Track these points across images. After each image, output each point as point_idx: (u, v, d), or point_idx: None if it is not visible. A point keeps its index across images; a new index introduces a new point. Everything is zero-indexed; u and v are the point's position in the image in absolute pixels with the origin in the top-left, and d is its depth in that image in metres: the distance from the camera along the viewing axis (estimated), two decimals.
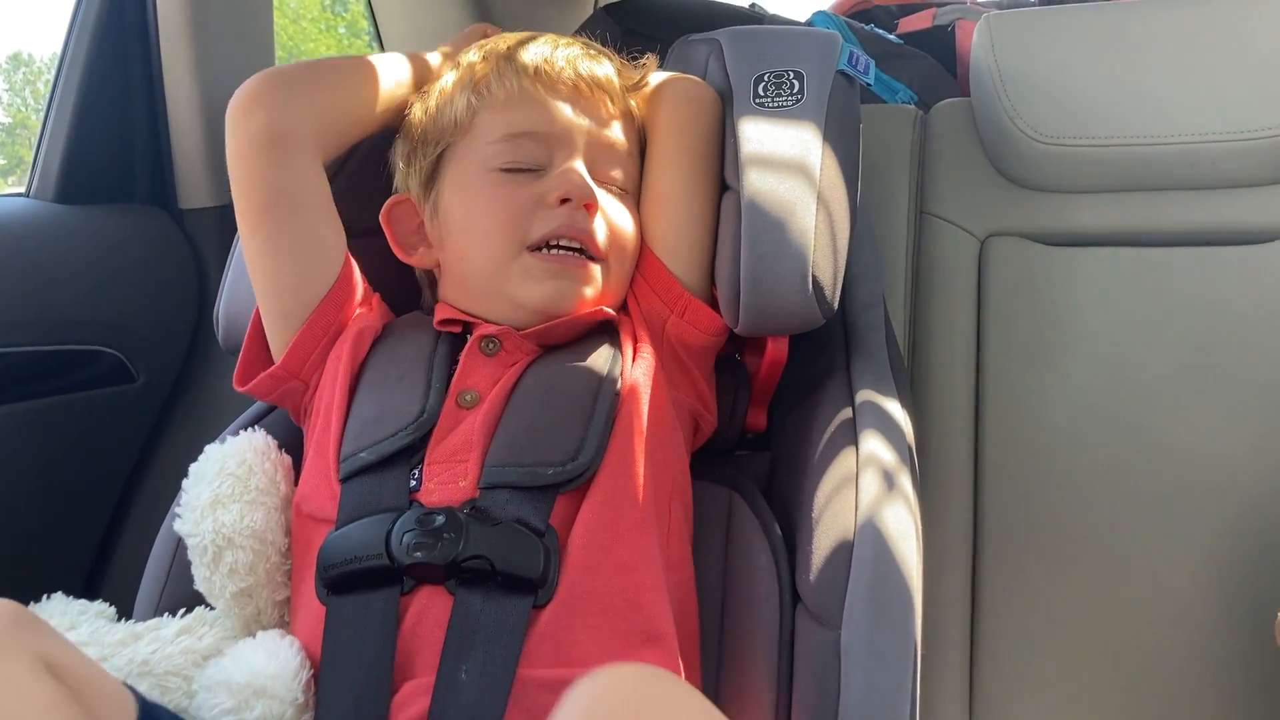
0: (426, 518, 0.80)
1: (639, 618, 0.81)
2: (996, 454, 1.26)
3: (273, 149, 0.93)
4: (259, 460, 0.89)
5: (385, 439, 0.86)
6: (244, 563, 0.85)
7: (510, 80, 0.97)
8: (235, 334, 1.05)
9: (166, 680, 0.80)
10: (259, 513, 0.86)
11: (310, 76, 0.98)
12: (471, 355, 0.93)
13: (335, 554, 0.81)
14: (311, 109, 0.95)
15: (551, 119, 0.96)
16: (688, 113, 1.02)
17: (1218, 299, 1.23)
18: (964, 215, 1.33)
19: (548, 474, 0.83)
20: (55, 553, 1.41)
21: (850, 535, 0.82)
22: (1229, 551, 1.18)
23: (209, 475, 0.87)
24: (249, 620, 0.87)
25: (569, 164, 0.95)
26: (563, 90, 0.97)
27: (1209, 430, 1.20)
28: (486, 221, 0.95)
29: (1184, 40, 1.26)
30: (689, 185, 1.00)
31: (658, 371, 0.93)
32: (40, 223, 1.39)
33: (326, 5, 8.00)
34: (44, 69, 6.53)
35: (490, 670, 0.74)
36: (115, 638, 0.81)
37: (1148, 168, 1.26)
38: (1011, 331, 1.28)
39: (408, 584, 0.79)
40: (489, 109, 0.97)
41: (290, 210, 0.93)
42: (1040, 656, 1.20)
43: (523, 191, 0.94)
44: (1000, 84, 1.29)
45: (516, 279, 0.94)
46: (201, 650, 0.83)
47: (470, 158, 0.97)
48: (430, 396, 0.89)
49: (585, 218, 0.94)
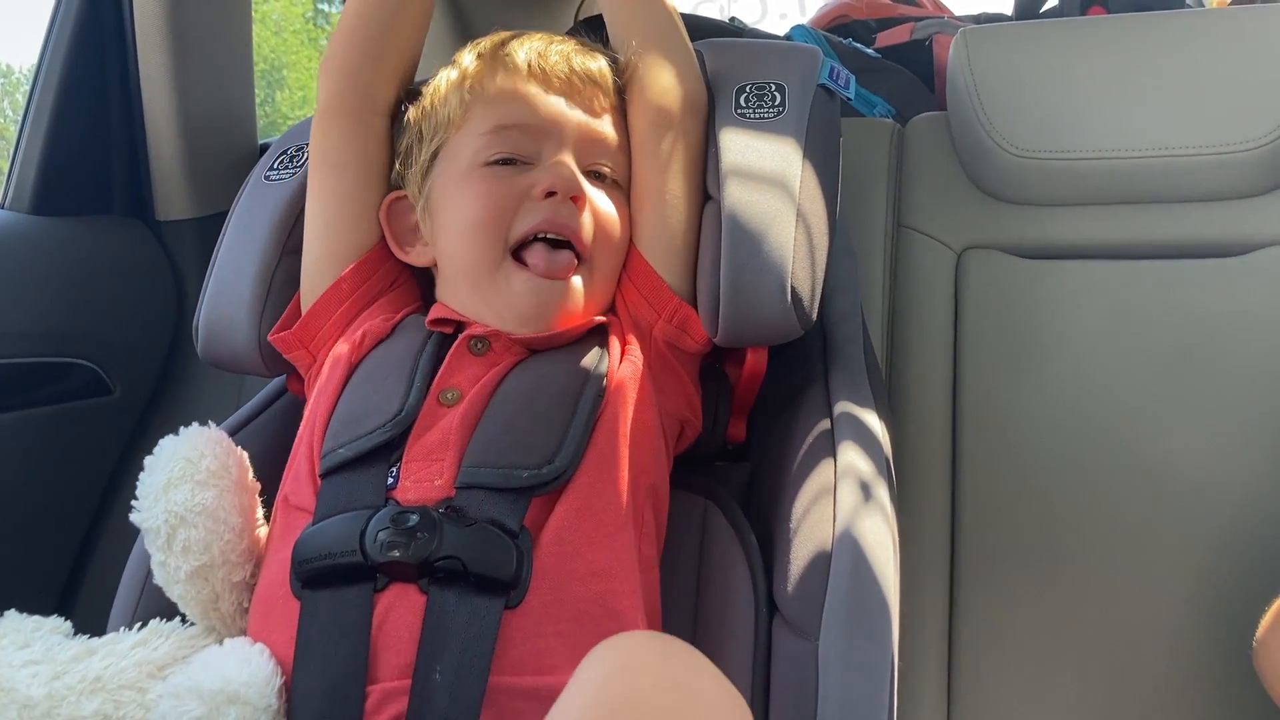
0: (401, 516, 0.80)
1: (615, 626, 0.81)
2: (974, 465, 1.26)
3: (321, 116, 1.03)
4: (210, 446, 0.89)
5: (363, 435, 0.86)
6: (197, 540, 0.84)
7: (501, 75, 0.98)
8: (214, 346, 1.05)
9: (120, 695, 0.79)
10: (210, 492, 0.86)
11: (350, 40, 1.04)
12: (459, 354, 0.92)
13: (310, 549, 0.81)
14: (354, 75, 1.03)
15: (541, 112, 0.96)
16: (679, 110, 1.01)
17: (1193, 311, 1.24)
18: (941, 228, 1.34)
19: (523, 476, 0.83)
20: (30, 565, 1.40)
21: (828, 546, 0.82)
22: (1205, 563, 1.18)
23: (161, 462, 0.87)
24: (208, 605, 0.87)
25: (557, 157, 0.95)
26: (555, 84, 0.97)
27: (1185, 442, 1.21)
28: (472, 216, 0.95)
29: (1159, 55, 1.27)
30: (679, 185, 0.99)
31: (644, 376, 0.93)
32: (15, 234, 1.39)
33: (308, 17, 7.99)
34: (23, 80, 6.51)
35: (464, 672, 0.74)
36: (69, 654, 0.81)
37: (1123, 181, 1.27)
38: (988, 344, 1.29)
39: (381, 581, 0.79)
40: (480, 104, 0.98)
41: (334, 171, 1.02)
42: (1017, 667, 1.21)
43: (509, 185, 0.94)
44: (977, 98, 1.30)
45: (501, 283, 0.94)
46: (157, 661, 0.82)
47: (462, 153, 0.97)
48: (411, 395, 0.89)
49: (571, 212, 0.94)
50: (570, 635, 0.79)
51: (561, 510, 0.83)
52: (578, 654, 0.77)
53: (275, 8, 7.33)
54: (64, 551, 1.44)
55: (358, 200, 1.02)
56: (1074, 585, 1.21)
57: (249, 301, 1.03)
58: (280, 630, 0.81)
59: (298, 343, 1.00)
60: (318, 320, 1.00)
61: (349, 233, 1.01)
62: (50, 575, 1.43)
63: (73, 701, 0.77)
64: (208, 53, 1.48)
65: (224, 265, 1.07)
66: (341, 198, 1.02)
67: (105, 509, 1.47)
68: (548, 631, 0.78)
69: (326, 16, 7.76)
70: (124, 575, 0.97)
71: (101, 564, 1.44)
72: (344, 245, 1.01)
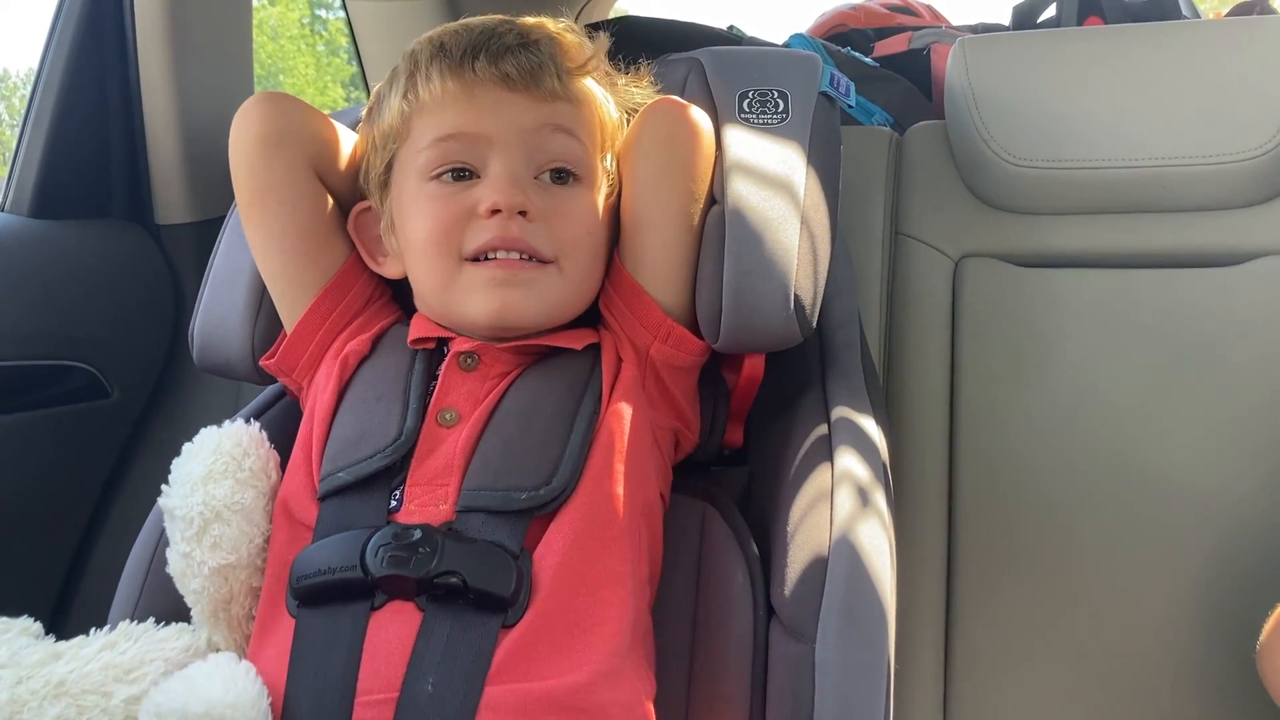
0: (404, 532, 0.80)
1: (603, 632, 0.81)
2: (970, 471, 1.26)
3: (264, 145, 0.96)
4: (254, 445, 0.89)
5: (363, 460, 0.86)
6: (229, 538, 0.85)
7: (435, 80, 0.93)
8: (209, 352, 1.05)
9: (83, 699, 0.77)
10: (249, 493, 0.86)
11: (306, 105, 1.00)
12: (450, 371, 0.92)
13: (308, 566, 0.81)
14: (302, 118, 0.98)
15: (479, 118, 0.91)
16: (670, 135, 0.97)
17: (1188, 321, 1.25)
18: (938, 236, 1.34)
19: (521, 499, 0.83)
20: (27, 568, 1.40)
21: (825, 550, 0.83)
22: (1201, 570, 1.19)
23: (203, 452, 0.87)
24: (219, 606, 0.86)
25: (499, 168, 0.91)
26: (490, 84, 0.92)
27: (1179, 449, 1.22)
28: (424, 235, 0.93)
29: (1156, 66, 1.28)
30: (668, 209, 0.96)
31: (639, 393, 0.92)
32: (15, 237, 1.39)
33: (305, 23, 8.00)
34: (19, 84, 6.50)
35: (456, 685, 0.74)
36: (34, 658, 0.79)
37: (1119, 190, 1.27)
38: (985, 351, 1.29)
39: (379, 599, 0.79)
40: (420, 114, 0.94)
41: (280, 204, 0.97)
42: (1014, 672, 1.21)
43: (455, 203, 0.91)
44: (974, 107, 1.31)
45: (462, 293, 0.91)
46: (123, 665, 0.80)
47: (410, 166, 0.94)
48: (408, 418, 0.88)
49: (520, 225, 0.90)
50: (560, 644, 0.79)
51: (559, 530, 0.83)
52: (565, 661, 0.77)
53: (272, 14, 7.33)
54: (61, 554, 1.44)
55: (320, 227, 0.98)
56: (1070, 591, 1.21)
57: (242, 310, 1.03)
58: (274, 645, 0.81)
59: (280, 370, 1.00)
60: (295, 352, 0.99)
61: (311, 266, 0.98)
62: (47, 577, 1.43)
63: (34, 707, 0.76)
64: (209, 57, 1.49)
65: (219, 272, 1.07)
66: (302, 231, 0.98)
67: (102, 511, 1.47)
68: (541, 643, 0.78)
69: (324, 23, 7.75)
70: (123, 577, 0.97)
71: (99, 566, 1.44)
72: (310, 274, 0.98)
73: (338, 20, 7.58)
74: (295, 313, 0.98)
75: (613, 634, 0.81)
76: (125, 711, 0.77)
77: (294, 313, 0.98)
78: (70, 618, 1.42)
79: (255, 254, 0.99)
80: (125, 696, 0.78)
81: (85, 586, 1.44)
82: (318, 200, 0.98)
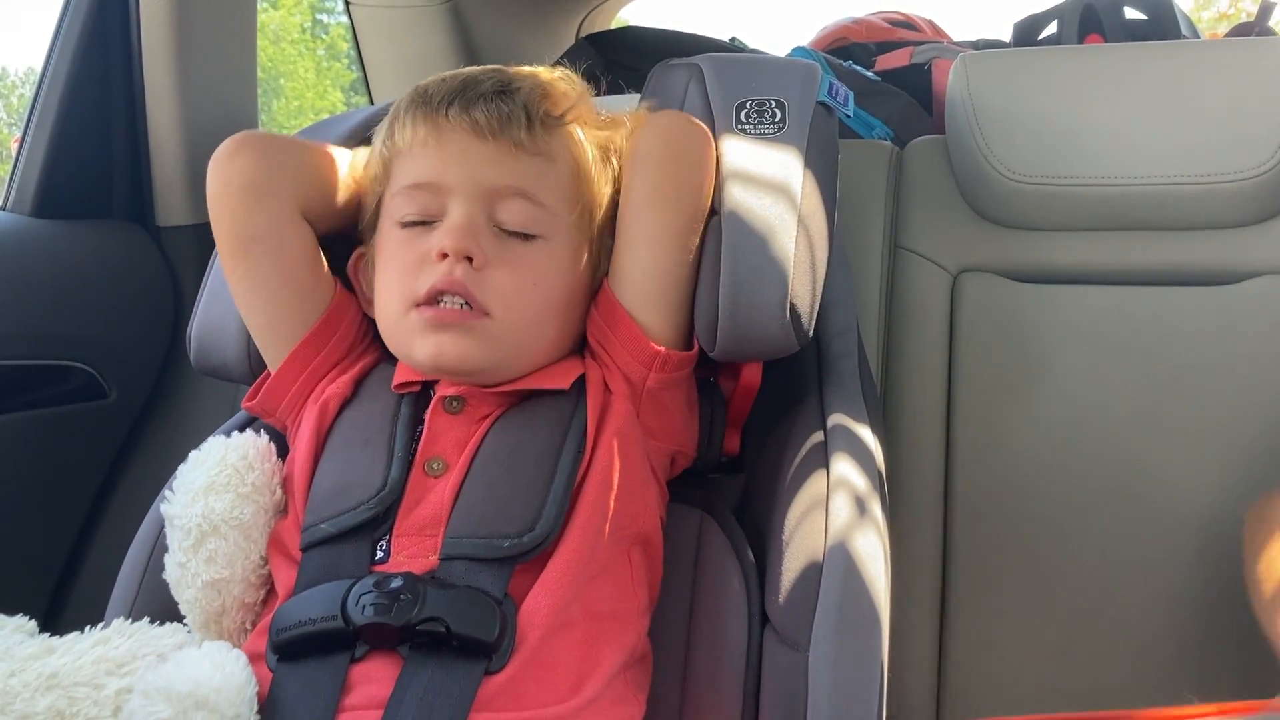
0: (384, 580, 0.79)
1: (591, 669, 0.81)
2: (966, 483, 1.27)
3: (248, 194, 0.94)
4: (259, 459, 0.89)
5: (346, 512, 0.85)
6: (224, 552, 0.85)
7: (408, 127, 0.94)
8: (206, 356, 1.05)
9: (74, 691, 0.77)
10: (249, 508, 0.86)
11: (290, 141, 0.99)
12: (436, 416, 0.91)
13: (288, 618, 0.80)
14: (288, 161, 0.97)
15: (443, 168, 0.92)
16: (665, 151, 0.96)
17: (1185, 339, 1.25)
18: (937, 250, 1.35)
19: (504, 546, 0.82)
20: (22, 568, 1.40)
21: (820, 558, 0.83)
22: (1195, 584, 1.19)
23: (208, 462, 0.87)
24: (212, 618, 0.86)
25: (456, 216, 0.90)
26: (460, 131, 0.92)
27: (1174, 466, 1.22)
28: (385, 280, 0.93)
29: (1155, 84, 1.28)
30: (659, 227, 0.94)
31: (632, 424, 0.92)
32: (16, 236, 1.39)
33: (306, 28, 8.01)
34: (18, 83, 6.50)
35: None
36: (28, 652, 0.79)
37: (1118, 207, 1.28)
38: (982, 365, 1.30)
39: (360, 650, 0.78)
40: (397, 159, 0.95)
41: (264, 254, 0.95)
42: (1008, 681, 1.21)
43: (414, 248, 0.91)
44: (975, 122, 1.31)
45: (407, 335, 0.91)
46: (116, 659, 0.80)
47: (388, 211, 0.95)
48: (393, 467, 0.87)
49: (464, 270, 0.89)
50: (548, 682, 0.79)
51: (546, 574, 0.82)
52: (549, 696, 0.77)
53: (274, 17, 7.35)
54: (57, 554, 1.44)
55: (306, 273, 0.97)
56: (1065, 602, 1.22)
57: (239, 313, 1.03)
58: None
59: (263, 412, 0.99)
60: (276, 395, 0.97)
61: (295, 315, 0.97)
62: (43, 577, 1.43)
63: (26, 698, 0.76)
64: (212, 59, 1.49)
65: (218, 275, 1.06)
66: (289, 278, 0.96)
67: (99, 512, 1.47)
68: (527, 681, 0.78)
69: (325, 27, 7.77)
70: (119, 577, 0.97)
71: (95, 566, 1.44)
72: (294, 322, 0.97)
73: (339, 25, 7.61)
74: (280, 354, 0.97)
75: (603, 674, 0.81)
76: (116, 702, 0.77)
77: (278, 355, 0.97)
78: (66, 616, 1.42)
79: (239, 304, 0.98)
80: (117, 688, 0.78)
81: (81, 586, 1.44)
82: (305, 244, 0.97)
